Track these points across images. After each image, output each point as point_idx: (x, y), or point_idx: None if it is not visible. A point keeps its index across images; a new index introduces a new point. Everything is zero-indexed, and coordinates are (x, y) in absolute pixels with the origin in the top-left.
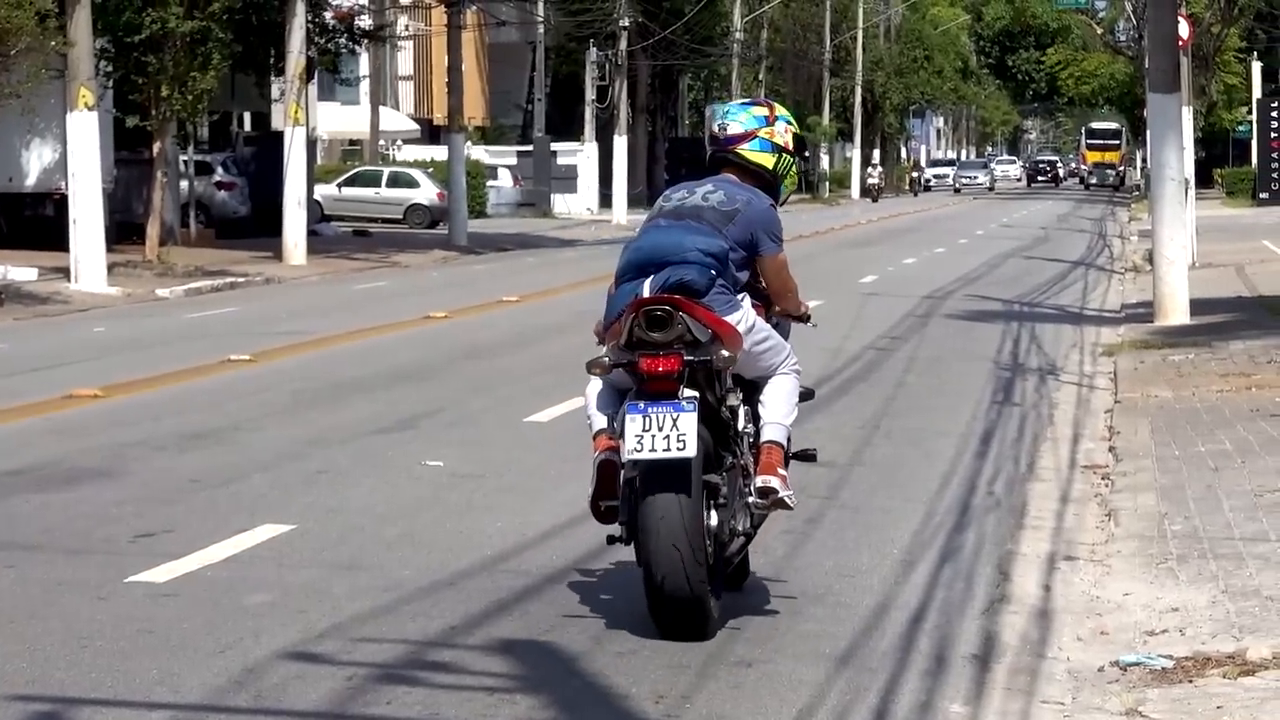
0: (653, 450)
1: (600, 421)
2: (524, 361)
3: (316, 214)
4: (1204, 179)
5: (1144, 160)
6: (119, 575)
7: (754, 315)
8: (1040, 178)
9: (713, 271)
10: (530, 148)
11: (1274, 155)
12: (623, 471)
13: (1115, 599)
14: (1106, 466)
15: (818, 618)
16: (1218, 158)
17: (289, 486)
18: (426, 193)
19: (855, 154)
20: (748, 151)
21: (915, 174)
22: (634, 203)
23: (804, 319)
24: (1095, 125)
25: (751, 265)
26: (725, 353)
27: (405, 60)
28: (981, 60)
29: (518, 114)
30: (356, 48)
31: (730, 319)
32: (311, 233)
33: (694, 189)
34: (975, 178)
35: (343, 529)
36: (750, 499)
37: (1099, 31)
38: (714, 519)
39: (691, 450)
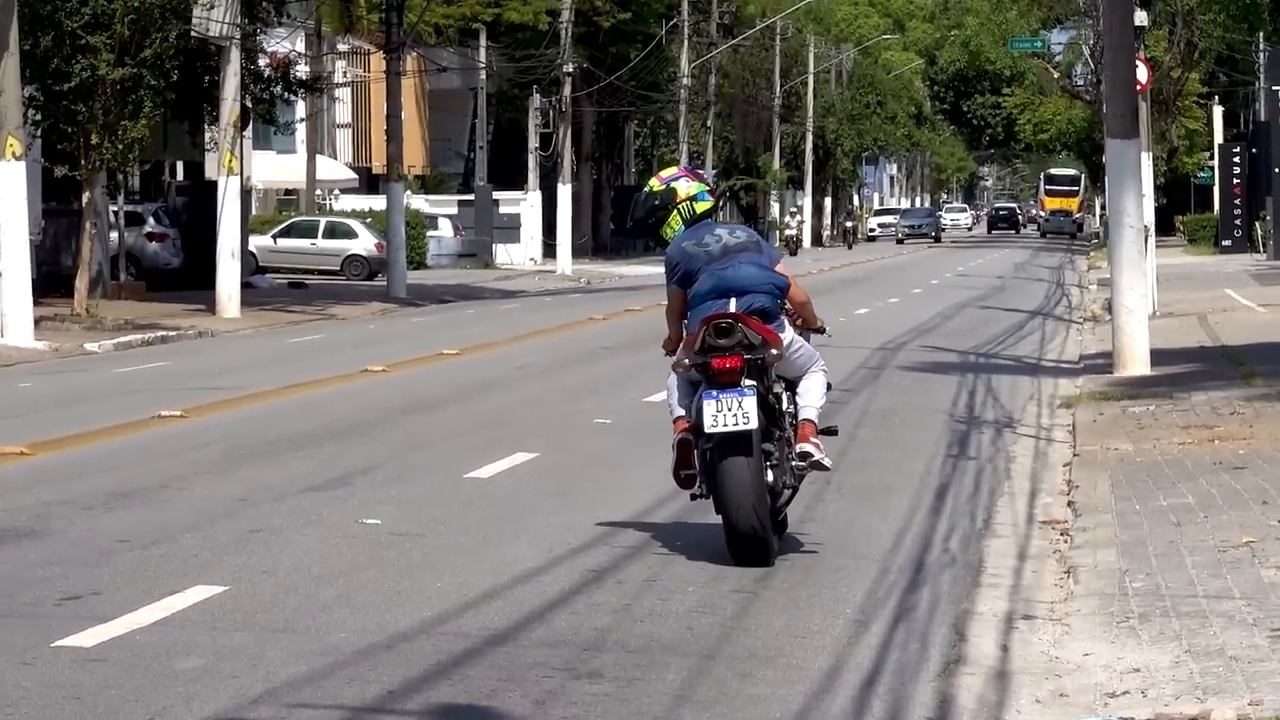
0: (725, 425)
1: (680, 409)
2: (464, 416)
3: (251, 266)
4: (1165, 226)
5: (1103, 207)
6: (45, 639)
7: (793, 332)
8: (1001, 225)
9: (778, 300)
10: (472, 196)
11: (1236, 202)
12: (698, 445)
13: (1075, 659)
14: (1065, 522)
15: (769, 680)
16: (1179, 204)
17: (221, 546)
18: (364, 243)
19: (806, 201)
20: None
21: (849, 224)
22: (578, 253)
23: (821, 330)
24: (1054, 171)
25: None
26: (773, 351)
27: (343, 108)
28: (936, 105)
29: (459, 162)
30: (292, 97)
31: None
32: (246, 285)
33: (714, 230)
34: (920, 227)
35: (276, 590)
36: (793, 461)
37: (1055, 76)
38: (770, 476)
39: (753, 424)
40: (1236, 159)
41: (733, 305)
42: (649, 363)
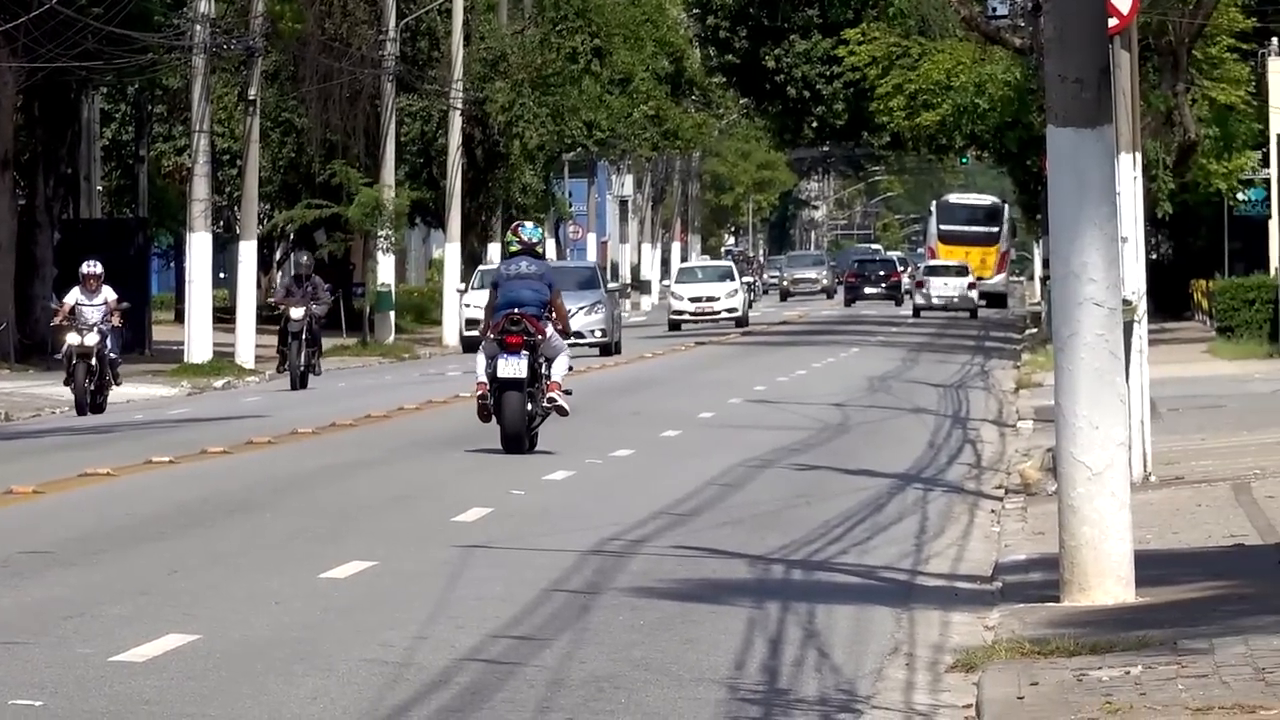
0: (509, 374)
1: (483, 376)
2: None
3: None
4: (1172, 299)
5: (1045, 262)
6: None
7: (553, 330)
8: (870, 289)
9: (542, 310)
10: None
11: None
12: (491, 387)
13: None
14: None
15: None
16: (1199, 257)
17: None
18: None
19: (449, 253)
20: (539, 248)
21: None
22: None
23: (567, 334)
24: (956, 199)
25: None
26: (540, 339)
27: None
28: (712, 56)
29: None
30: None
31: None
32: None
33: (519, 263)
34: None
35: None
36: (543, 403)
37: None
38: (529, 406)
39: (523, 374)
40: None
41: (515, 311)
42: None
